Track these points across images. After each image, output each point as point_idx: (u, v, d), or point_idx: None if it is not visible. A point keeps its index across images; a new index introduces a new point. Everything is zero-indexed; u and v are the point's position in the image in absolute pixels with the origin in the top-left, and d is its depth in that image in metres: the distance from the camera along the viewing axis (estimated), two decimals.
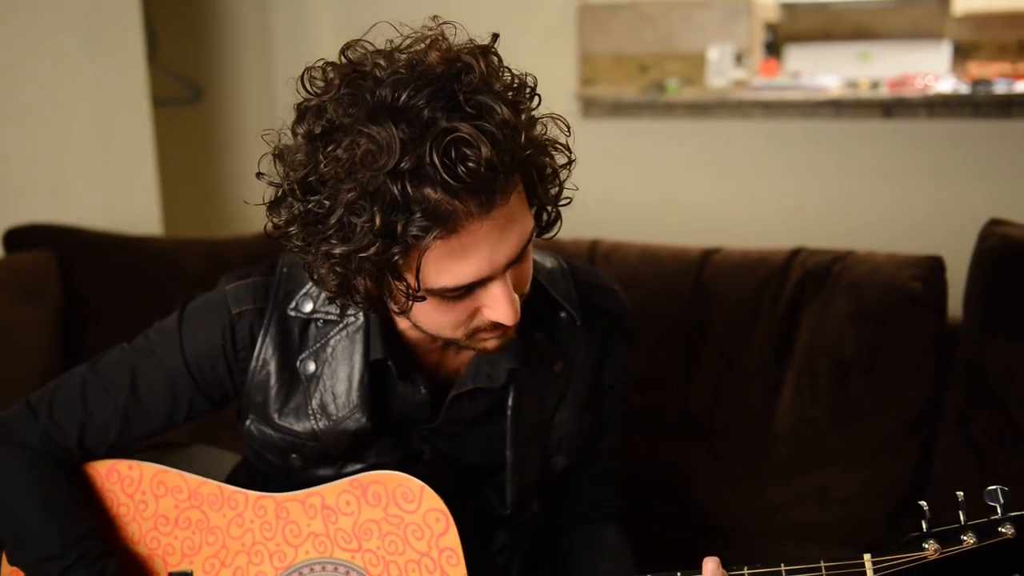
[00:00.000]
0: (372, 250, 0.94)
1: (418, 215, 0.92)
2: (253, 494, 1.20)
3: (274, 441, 1.22)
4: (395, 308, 1.02)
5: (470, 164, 0.90)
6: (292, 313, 1.20)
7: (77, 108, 2.79)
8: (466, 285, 0.99)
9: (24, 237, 2.34)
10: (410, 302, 1.00)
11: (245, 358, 1.21)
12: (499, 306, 1.01)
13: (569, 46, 3.70)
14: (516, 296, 1.02)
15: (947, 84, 3.41)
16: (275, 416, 1.21)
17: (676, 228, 2.96)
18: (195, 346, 1.21)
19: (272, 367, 1.20)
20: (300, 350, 1.20)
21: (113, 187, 2.91)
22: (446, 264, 0.96)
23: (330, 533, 1.16)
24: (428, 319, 1.05)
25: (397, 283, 0.98)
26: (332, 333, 1.19)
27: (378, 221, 0.91)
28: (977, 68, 3.85)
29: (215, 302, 1.22)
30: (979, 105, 3.19)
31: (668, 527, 1.89)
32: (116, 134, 2.91)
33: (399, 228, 0.92)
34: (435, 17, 1.00)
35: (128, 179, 2.96)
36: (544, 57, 3.61)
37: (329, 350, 1.19)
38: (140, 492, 1.24)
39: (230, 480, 1.24)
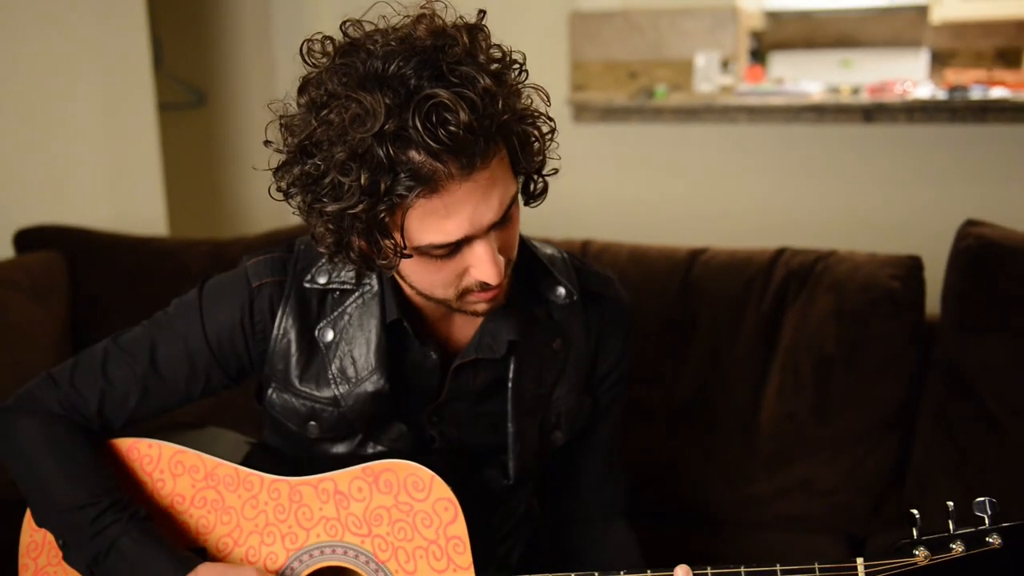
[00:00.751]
0: (360, 207, 0.98)
1: (402, 175, 0.96)
2: (268, 477, 1.21)
3: (295, 407, 1.24)
4: (385, 264, 1.05)
5: (450, 128, 0.95)
6: (308, 285, 1.22)
7: (86, 113, 2.80)
8: (451, 243, 1.02)
9: (34, 238, 2.35)
10: (398, 258, 1.03)
11: (263, 331, 1.22)
12: (483, 265, 1.04)
13: (561, 53, 3.71)
14: (501, 258, 1.06)
15: (925, 90, 3.43)
16: (296, 382, 1.23)
17: (664, 229, 2.98)
18: (215, 320, 1.22)
19: (292, 336, 1.22)
20: (319, 319, 1.22)
21: (120, 189, 2.91)
22: (430, 222, 1.00)
23: (341, 518, 1.17)
24: (420, 278, 1.09)
25: (386, 240, 1.02)
26: (349, 301, 1.22)
27: (364, 180, 0.96)
28: (954, 75, 3.89)
29: (236, 277, 1.24)
30: (956, 110, 3.21)
31: (658, 519, 1.90)
32: (123, 138, 2.92)
33: (383, 187, 0.96)
34: (424, 3, 1.04)
35: (135, 181, 2.96)
36: (537, 63, 3.57)
37: (347, 318, 1.21)
38: (159, 470, 1.25)
39: (246, 463, 1.25)
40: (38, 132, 2.68)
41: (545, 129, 1.10)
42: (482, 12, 1.05)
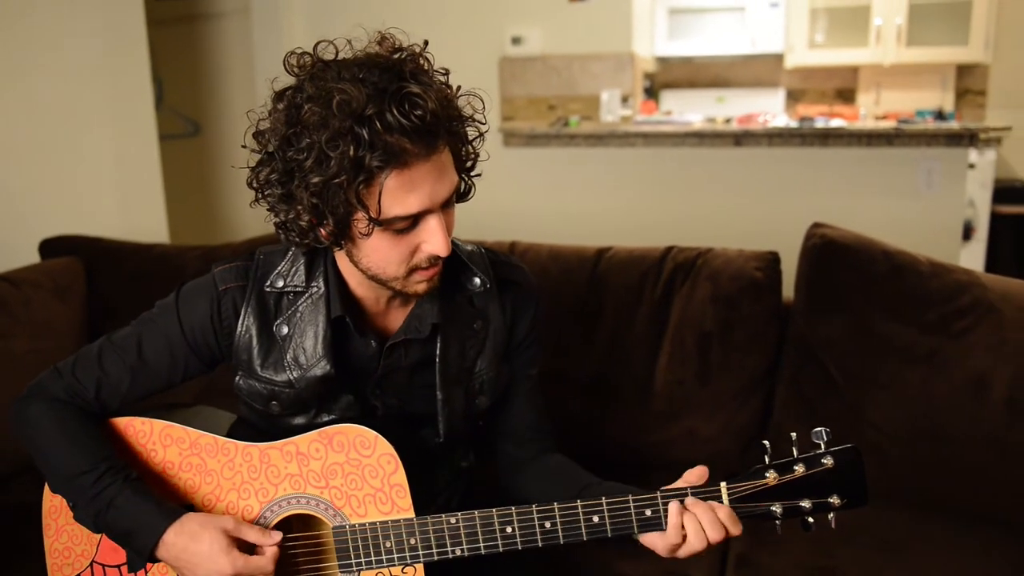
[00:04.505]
0: (343, 178, 0.97)
1: (379, 152, 0.96)
2: (241, 443, 1.18)
3: (258, 391, 1.21)
4: (359, 233, 1.03)
5: (419, 112, 0.96)
6: (267, 289, 1.19)
7: (99, 143, 2.78)
8: (412, 215, 1.01)
9: (56, 246, 2.31)
10: (372, 226, 1.01)
11: (229, 326, 1.19)
12: (435, 237, 1.04)
13: (493, 90, 3.71)
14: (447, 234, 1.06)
15: (781, 120, 3.49)
16: (258, 370, 1.20)
17: (577, 232, 2.97)
18: (189, 317, 1.19)
19: (254, 332, 1.19)
20: (276, 317, 1.19)
21: (128, 205, 2.88)
22: (399, 195, 0.99)
23: (303, 474, 1.15)
24: (379, 256, 1.06)
25: (360, 211, 1.00)
26: (300, 301, 1.18)
27: (351, 153, 0.95)
28: (803, 109, 3.95)
29: (205, 282, 1.21)
30: (805, 136, 3.26)
31: None
32: (130, 163, 2.90)
33: (366, 161, 0.96)
34: (379, 31, 1.05)
35: (140, 199, 2.94)
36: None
37: (299, 315, 1.18)
38: (151, 443, 1.22)
39: (228, 435, 1.22)
40: (60, 159, 2.65)
41: (478, 132, 1.10)
42: (426, 41, 1.06)
